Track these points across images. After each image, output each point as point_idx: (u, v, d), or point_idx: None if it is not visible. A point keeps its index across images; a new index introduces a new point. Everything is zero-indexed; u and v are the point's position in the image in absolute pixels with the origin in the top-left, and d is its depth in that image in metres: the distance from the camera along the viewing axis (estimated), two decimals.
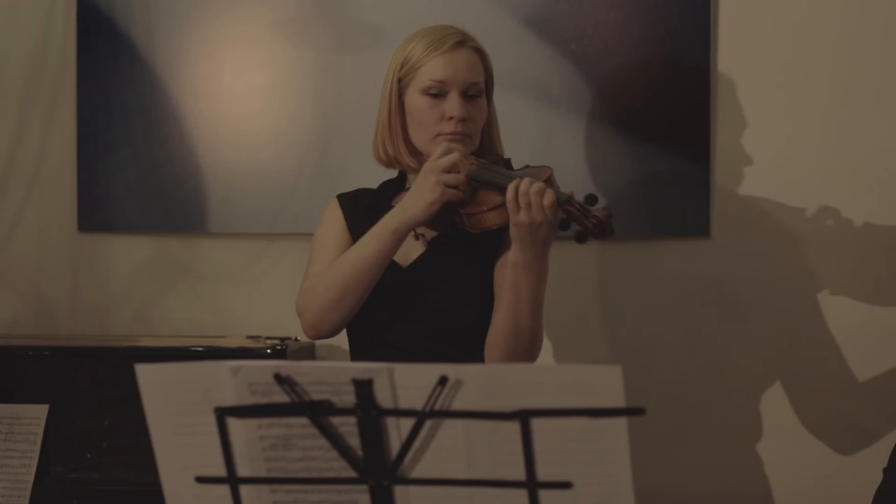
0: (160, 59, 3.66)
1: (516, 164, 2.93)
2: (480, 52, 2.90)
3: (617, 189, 3.48)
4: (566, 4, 3.49)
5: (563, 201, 2.64)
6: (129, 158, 3.68)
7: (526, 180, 2.65)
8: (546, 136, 3.50)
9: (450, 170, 2.73)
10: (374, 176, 3.02)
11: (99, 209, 3.70)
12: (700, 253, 3.48)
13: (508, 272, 2.72)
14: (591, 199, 2.64)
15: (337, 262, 2.82)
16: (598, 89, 3.48)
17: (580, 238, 2.65)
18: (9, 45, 3.74)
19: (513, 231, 2.67)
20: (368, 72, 3.53)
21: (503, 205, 2.68)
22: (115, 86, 3.67)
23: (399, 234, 2.76)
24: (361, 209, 2.95)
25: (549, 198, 2.62)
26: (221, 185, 3.64)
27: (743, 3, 3.46)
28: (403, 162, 2.90)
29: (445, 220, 2.80)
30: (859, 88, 3.43)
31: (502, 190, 2.69)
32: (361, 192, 3.01)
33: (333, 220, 2.95)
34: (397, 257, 2.83)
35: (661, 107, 3.47)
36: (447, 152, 2.76)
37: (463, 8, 3.51)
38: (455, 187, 2.73)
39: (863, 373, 3.43)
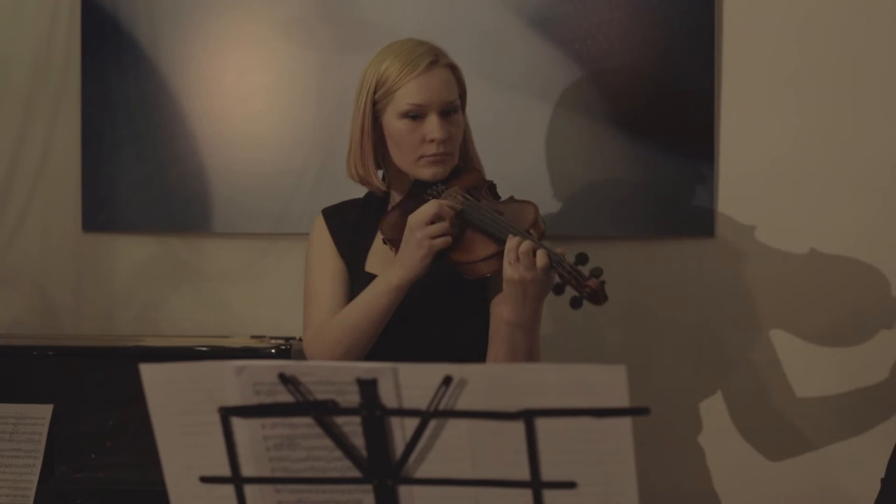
0: (164, 59, 3.66)
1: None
2: (453, 68, 2.93)
3: (621, 189, 3.47)
4: (570, 4, 3.49)
5: (554, 263, 2.65)
6: (133, 158, 3.68)
7: (516, 240, 2.67)
8: (550, 136, 3.50)
9: (433, 220, 2.75)
10: None
11: (103, 209, 3.70)
12: (704, 253, 3.48)
13: (503, 328, 2.77)
14: (581, 258, 2.64)
15: (341, 317, 2.86)
16: (602, 89, 3.48)
17: (574, 304, 2.64)
18: (13, 45, 3.74)
19: (505, 288, 2.70)
20: None
21: (495, 255, 2.72)
22: (119, 85, 3.67)
23: (401, 290, 2.79)
24: (349, 227, 3.00)
25: (541, 260, 2.65)
26: (225, 184, 3.64)
27: (747, 3, 3.46)
28: (373, 183, 2.96)
29: (438, 261, 2.81)
30: (864, 88, 3.42)
31: (492, 237, 2.73)
32: (347, 206, 3.05)
33: (322, 246, 3.00)
34: None
35: (666, 106, 3.47)
36: (429, 205, 2.78)
37: (467, 8, 3.51)
38: (442, 236, 2.75)
39: (867, 377, 3.43)
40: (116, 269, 3.73)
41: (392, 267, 2.81)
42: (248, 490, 1.90)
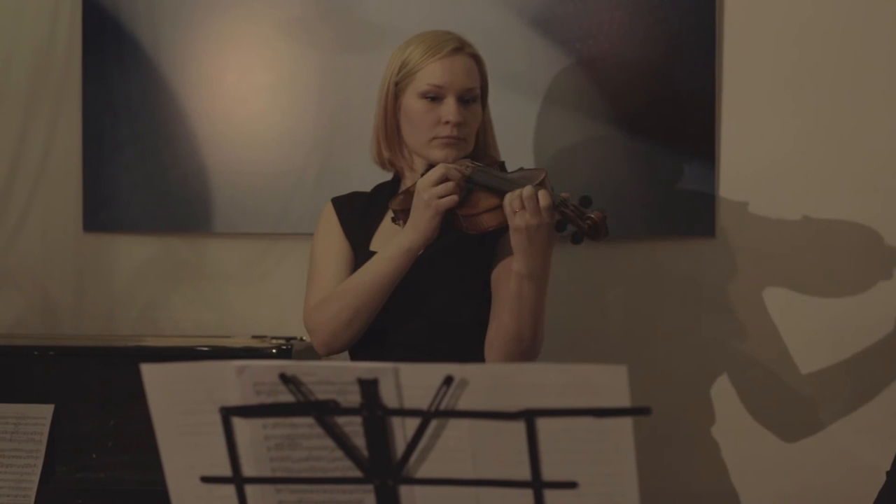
0: (165, 59, 3.66)
1: (514, 165, 2.94)
2: (477, 59, 2.97)
3: (622, 189, 3.48)
4: (571, 4, 3.49)
5: (557, 203, 2.67)
6: (134, 158, 3.68)
7: (518, 190, 2.68)
8: (550, 136, 3.50)
9: (440, 180, 2.77)
10: (379, 176, 3.03)
11: (104, 209, 3.70)
12: (705, 253, 3.48)
13: (512, 281, 2.75)
14: (584, 200, 2.67)
15: (349, 283, 2.88)
16: (602, 89, 3.48)
17: (576, 239, 2.68)
18: (14, 45, 3.75)
19: (513, 238, 2.70)
20: (374, 72, 3.52)
21: (499, 206, 2.72)
22: (120, 85, 3.67)
23: (411, 254, 2.81)
24: (357, 213, 3.02)
25: (544, 199, 2.65)
26: (226, 184, 3.64)
27: (748, 3, 3.46)
28: (399, 164, 3.00)
29: (445, 225, 2.82)
30: (865, 89, 3.42)
31: (498, 193, 2.73)
32: (356, 195, 3.09)
33: (330, 228, 3.03)
34: None
35: (666, 107, 3.47)
36: (436, 168, 2.81)
37: (468, 8, 3.51)
38: (449, 195, 2.76)
39: (869, 374, 3.43)
40: (117, 269, 3.73)
41: (402, 232, 2.83)
42: (249, 490, 1.90)
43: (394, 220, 2.92)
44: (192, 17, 3.65)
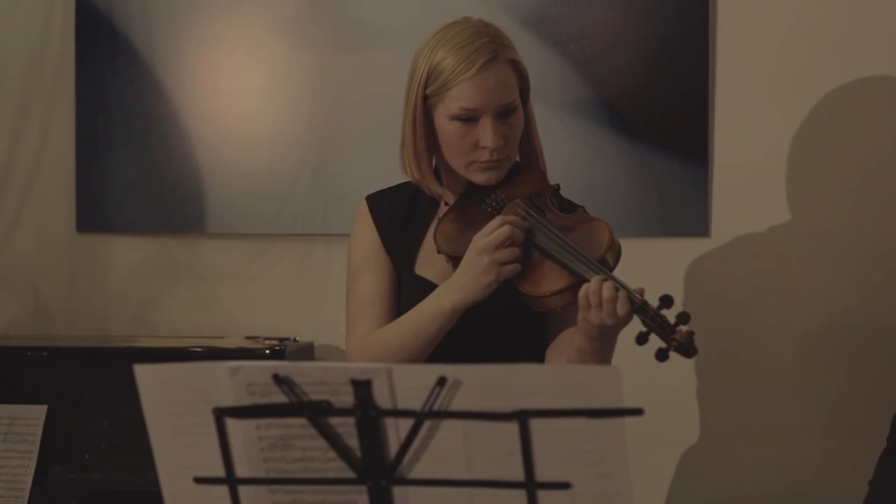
0: (159, 60, 3.66)
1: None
2: (514, 63, 2.69)
3: (616, 190, 3.48)
4: (565, 5, 3.49)
5: (637, 308, 2.45)
6: (127, 159, 3.68)
7: (597, 280, 2.45)
8: (544, 137, 3.47)
9: (503, 244, 2.53)
10: (374, 177, 2.98)
11: (97, 210, 3.70)
12: (699, 253, 3.48)
13: (574, 355, 2.57)
14: (666, 301, 2.47)
15: (392, 334, 2.65)
16: (596, 90, 3.49)
17: (661, 356, 2.46)
18: (7, 45, 3.74)
19: (581, 321, 2.49)
20: (367, 72, 3.53)
21: (567, 288, 2.50)
22: (113, 86, 3.67)
23: (455, 315, 2.58)
24: (397, 222, 2.76)
25: (623, 308, 2.44)
26: (220, 185, 3.64)
27: (741, 5, 3.46)
28: (432, 188, 2.73)
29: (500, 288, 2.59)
30: (857, 88, 3.43)
31: (564, 267, 2.51)
32: (394, 197, 2.80)
33: (368, 239, 2.76)
34: (437, 280, 2.70)
35: (660, 107, 3.47)
36: (499, 225, 2.55)
37: (461, 8, 3.49)
38: (513, 262, 2.54)
39: (864, 375, 3.43)
40: (111, 270, 3.73)
41: (446, 288, 2.59)
42: (243, 491, 1.90)
43: (438, 251, 2.67)
44: (185, 18, 3.65)
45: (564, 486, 1.80)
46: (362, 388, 1.81)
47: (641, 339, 2.46)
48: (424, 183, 2.72)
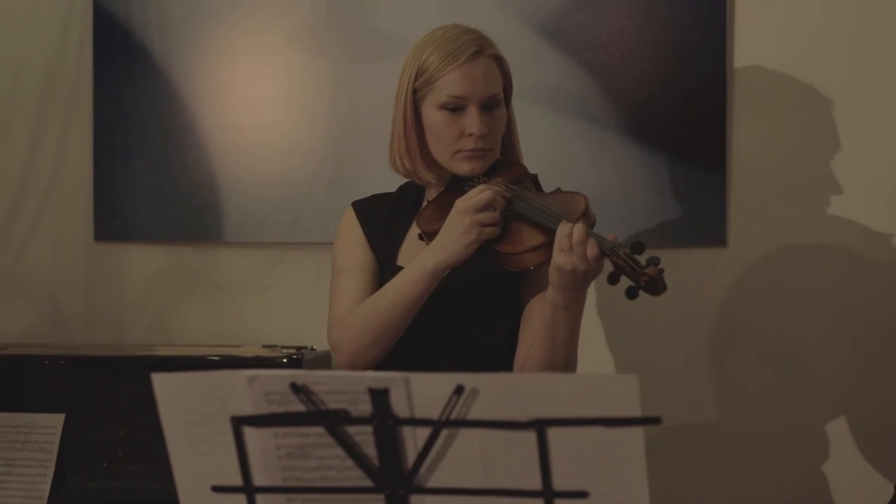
0: (176, 69, 3.66)
1: (543, 180, 2.87)
2: (498, 59, 2.81)
3: (633, 198, 3.47)
4: (582, 14, 3.49)
5: (607, 251, 2.52)
6: (145, 168, 3.68)
7: (568, 224, 2.54)
8: (561, 145, 3.50)
9: (485, 206, 2.62)
10: (390, 185, 3.01)
11: (115, 218, 3.71)
12: (716, 263, 3.48)
13: (546, 310, 2.63)
14: (637, 247, 2.51)
15: (372, 302, 2.74)
16: (613, 98, 3.48)
17: (630, 294, 2.50)
18: (25, 55, 3.75)
19: (553, 274, 2.57)
20: (384, 81, 3.52)
21: (543, 245, 2.59)
22: (131, 95, 3.68)
23: (436, 276, 2.67)
24: (381, 220, 2.88)
25: (592, 250, 2.51)
26: (237, 194, 3.65)
27: (758, 12, 3.46)
28: (423, 177, 2.83)
29: (478, 252, 2.68)
30: (875, 97, 3.42)
31: (540, 227, 2.61)
32: (378, 199, 2.93)
33: (352, 237, 2.88)
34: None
35: (677, 115, 3.47)
36: (482, 190, 2.66)
37: (479, 17, 3.50)
38: (493, 225, 2.63)
39: (879, 383, 3.42)
40: (128, 279, 3.73)
41: (428, 250, 2.68)
42: (260, 500, 1.90)
43: (420, 237, 2.77)
44: (202, 28, 3.65)
45: (582, 494, 1.80)
46: (380, 396, 1.81)
47: (612, 279, 2.54)
48: (416, 172, 2.82)
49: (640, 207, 3.47)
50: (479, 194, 2.64)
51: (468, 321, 2.79)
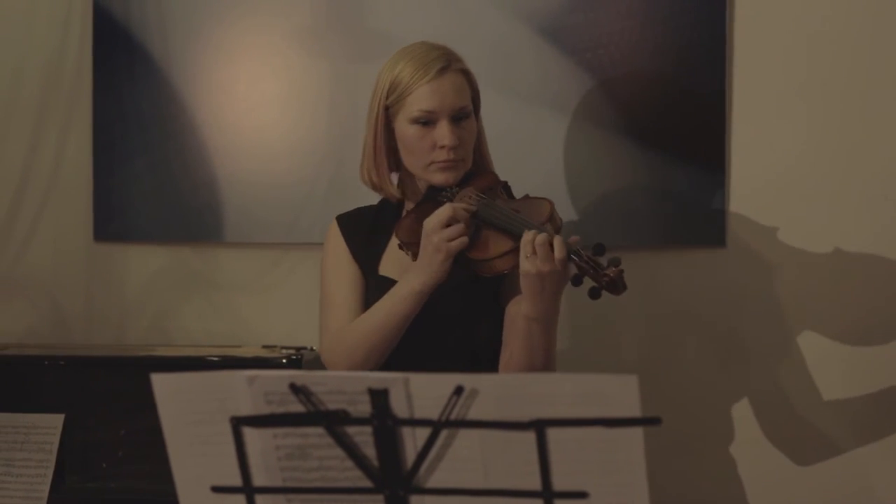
0: (176, 69, 3.66)
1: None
2: (465, 72, 2.92)
3: (633, 198, 3.47)
4: (581, 14, 3.49)
5: (571, 254, 2.63)
6: (144, 168, 3.68)
7: (532, 231, 2.65)
8: (561, 146, 3.49)
9: (448, 222, 2.74)
10: None
11: (115, 219, 3.71)
12: (716, 262, 3.48)
13: (520, 321, 2.74)
14: (598, 248, 2.63)
15: (363, 320, 2.85)
16: (613, 99, 3.48)
17: (593, 294, 2.63)
18: (25, 55, 3.75)
19: (523, 282, 2.67)
20: None
21: (511, 251, 2.70)
22: (130, 96, 3.68)
23: (423, 296, 2.78)
24: (363, 233, 2.99)
25: (559, 251, 2.62)
26: (237, 194, 3.65)
27: (758, 13, 3.45)
28: (388, 191, 2.96)
29: (457, 264, 2.79)
30: (875, 98, 3.42)
31: (507, 233, 2.72)
32: (361, 212, 3.04)
33: (337, 251, 2.99)
34: (400, 277, 2.86)
35: (677, 116, 3.47)
36: (443, 209, 2.77)
37: (478, 18, 3.51)
38: (459, 237, 2.73)
39: (879, 386, 3.42)
40: (128, 279, 3.73)
41: (411, 272, 2.79)
42: (260, 500, 1.90)
43: (400, 247, 2.88)
44: (202, 28, 3.65)
45: (581, 495, 1.80)
46: (379, 397, 1.81)
47: (576, 281, 2.66)
48: (382, 185, 2.96)
49: (640, 208, 3.47)
50: (441, 212, 2.75)
51: (450, 325, 2.88)
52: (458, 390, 1.79)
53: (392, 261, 2.95)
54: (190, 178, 3.66)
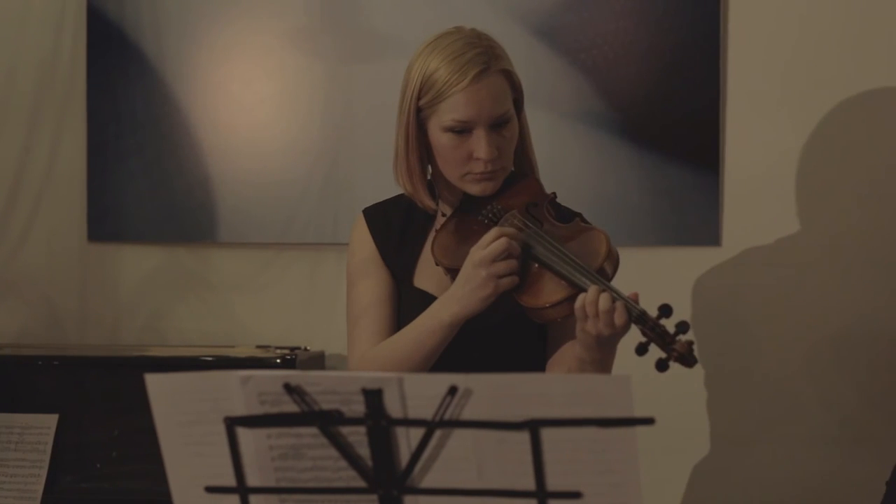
0: (170, 69, 3.66)
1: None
2: (507, 73, 2.66)
3: (626, 198, 3.48)
4: (576, 14, 3.49)
5: (635, 317, 2.42)
6: (138, 168, 3.68)
7: (594, 290, 2.43)
8: (555, 146, 3.50)
9: (499, 256, 2.49)
10: (384, 186, 2.99)
11: (109, 219, 3.71)
12: (710, 262, 3.48)
13: (574, 363, 2.56)
14: (665, 310, 2.42)
15: (391, 345, 2.63)
16: (607, 99, 3.48)
17: (660, 367, 2.42)
18: (19, 55, 3.75)
19: (580, 337, 2.48)
20: (378, 81, 3.53)
21: (565, 300, 2.47)
22: (124, 96, 3.68)
23: (454, 328, 2.56)
24: (395, 235, 2.74)
25: (620, 318, 2.42)
26: (231, 194, 3.65)
27: (752, 12, 3.46)
28: (424, 202, 2.70)
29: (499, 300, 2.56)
30: (868, 97, 3.42)
31: (562, 278, 2.48)
32: (390, 209, 2.78)
33: (366, 253, 2.74)
34: (437, 292, 2.66)
35: (671, 116, 3.47)
36: (495, 237, 2.51)
37: (472, 18, 3.50)
38: (510, 275, 2.50)
39: (876, 384, 3.42)
40: (122, 279, 3.73)
41: (444, 301, 2.57)
42: (254, 500, 1.90)
43: (437, 264, 2.64)
44: (196, 28, 3.65)
45: (575, 495, 1.80)
46: (373, 397, 1.81)
47: (641, 350, 2.43)
48: (417, 196, 2.70)
49: (634, 207, 3.48)
50: (492, 243, 2.50)
51: (491, 366, 2.61)
52: (452, 390, 1.79)
53: (429, 273, 2.71)
54: (184, 178, 3.66)
